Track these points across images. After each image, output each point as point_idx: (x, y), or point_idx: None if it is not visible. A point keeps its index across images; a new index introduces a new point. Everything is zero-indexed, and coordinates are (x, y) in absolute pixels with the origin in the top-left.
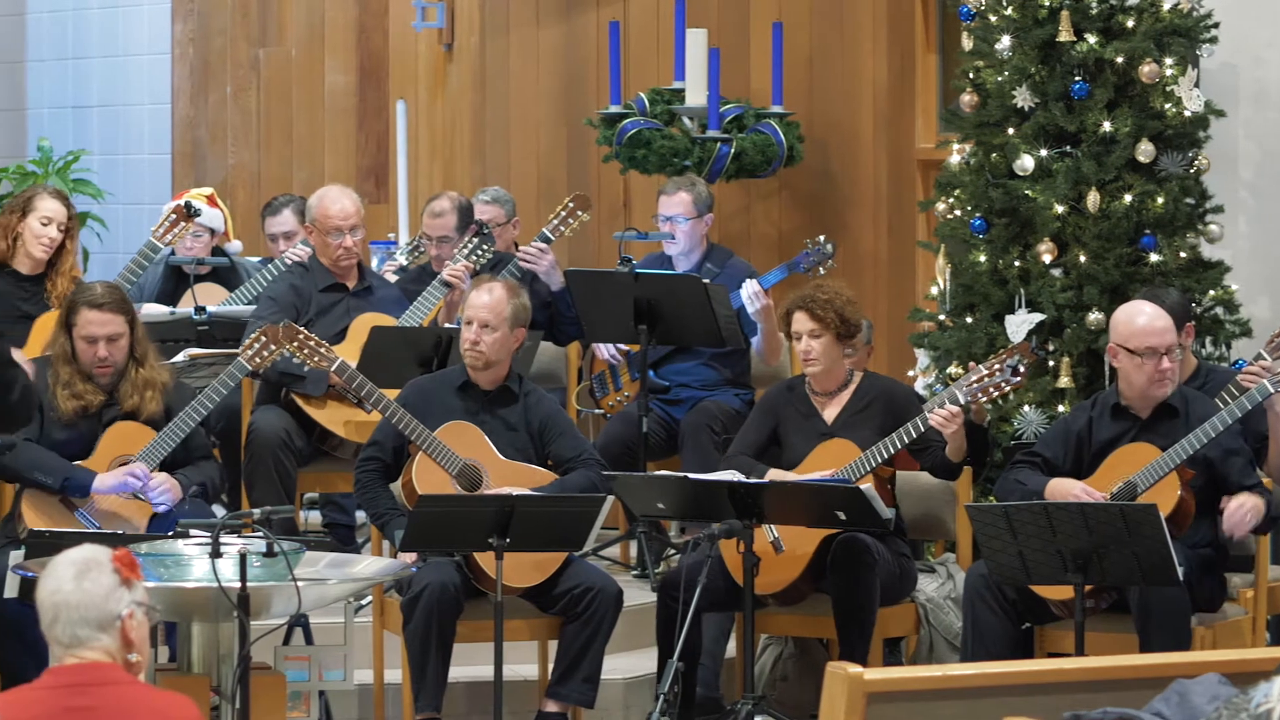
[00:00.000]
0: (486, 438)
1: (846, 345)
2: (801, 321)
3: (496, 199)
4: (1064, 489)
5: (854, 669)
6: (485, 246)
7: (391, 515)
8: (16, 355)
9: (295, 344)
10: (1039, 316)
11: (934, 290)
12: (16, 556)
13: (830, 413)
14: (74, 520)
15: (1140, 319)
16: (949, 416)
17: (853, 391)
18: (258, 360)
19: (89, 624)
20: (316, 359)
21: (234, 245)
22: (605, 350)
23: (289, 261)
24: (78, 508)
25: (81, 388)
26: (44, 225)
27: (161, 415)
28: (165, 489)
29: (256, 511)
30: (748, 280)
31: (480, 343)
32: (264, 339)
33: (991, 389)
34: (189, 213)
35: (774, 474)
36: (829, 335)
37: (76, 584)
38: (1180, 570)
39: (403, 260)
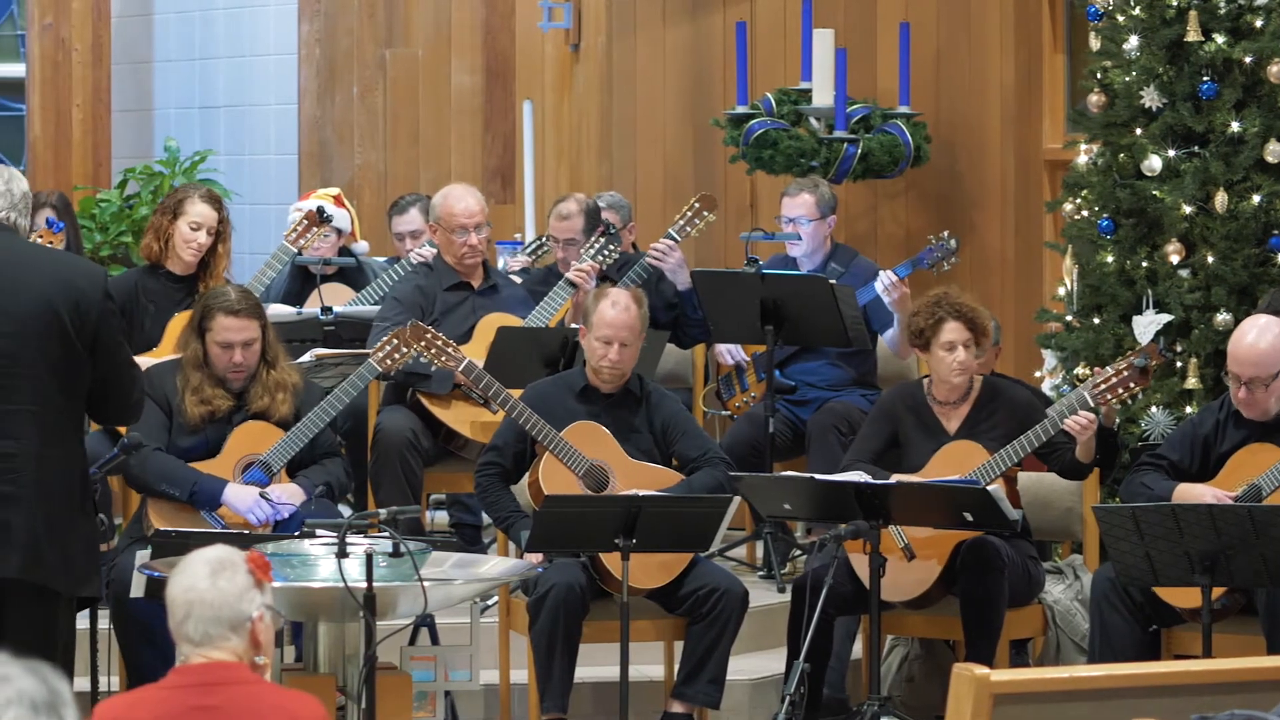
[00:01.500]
0: (613, 438)
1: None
2: (958, 331)
3: (613, 204)
4: (1193, 495)
5: (981, 670)
6: (612, 247)
7: (516, 517)
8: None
9: (423, 343)
10: (1166, 317)
11: (1061, 291)
12: (143, 556)
13: (953, 423)
14: (200, 519)
15: (1241, 341)
16: (1085, 424)
17: (974, 400)
18: (389, 363)
19: (221, 623)
20: (444, 359)
21: (360, 245)
22: (727, 355)
23: (414, 261)
24: (204, 508)
25: (210, 393)
26: (193, 230)
27: (291, 417)
28: (289, 505)
29: (383, 511)
30: (883, 271)
31: (621, 361)
32: (395, 342)
33: (1120, 389)
34: (321, 217)
35: (895, 478)
36: (975, 346)
37: (211, 582)
38: None
39: (526, 260)
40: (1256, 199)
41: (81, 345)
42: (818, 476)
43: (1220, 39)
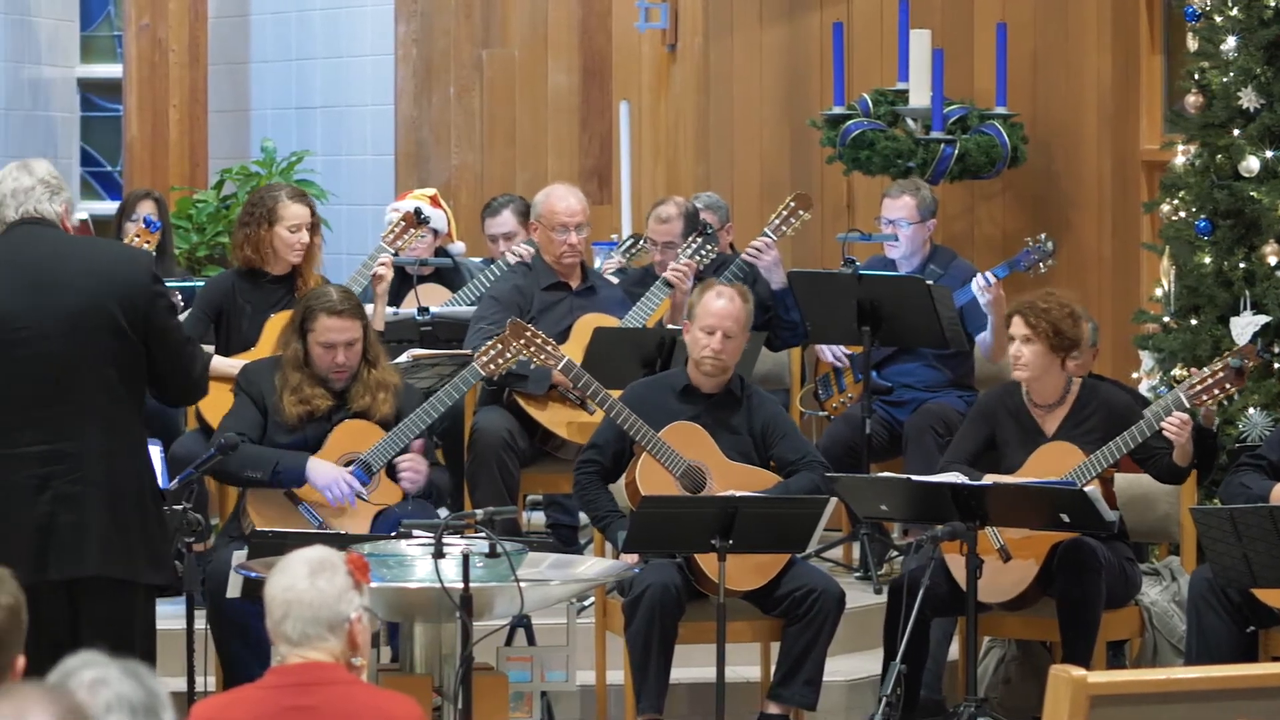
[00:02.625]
0: (711, 439)
1: (1062, 358)
2: (1017, 325)
3: (710, 205)
4: None
5: (1078, 672)
6: (709, 247)
7: (613, 517)
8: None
9: (522, 341)
10: (1264, 318)
11: (1158, 292)
12: (240, 556)
13: (1050, 425)
14: (299, 516)
15: None
16: (1181, 425)
17: (1072, 403)
18: (492, 367)
19: (320, 623)
20: (543, 357)
21: (457, 246)
22: (829, 352)
23: (512, 261)
24: (301, 501)
25: (310, 392)
26: (293, 232)
27: (392, 417)
28: (413, 471)
29: (479, 512)
30: (979, 274)
31: (723, 352)
32: (500, 346)
33: (1216, 390)
34: (418, 218)
35: (990, 477)
36: (1041, 344)
37: (311, 582)
38: None
39: (621, 260)
40: None
41: (135, 334)
42: (914, 478)
43: None
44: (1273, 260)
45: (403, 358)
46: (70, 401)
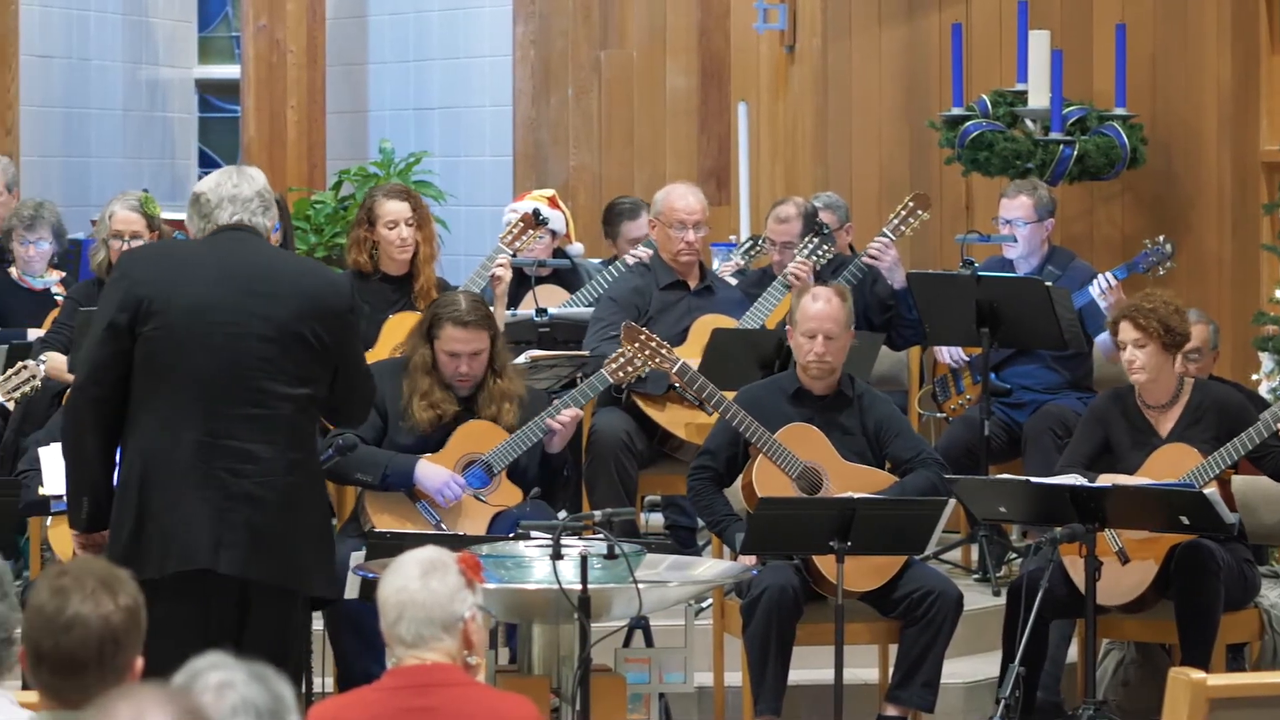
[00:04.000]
0: (827, 440)
1: (1174, 354)
2: (1126, 331)
3: (830, 205)
4: None
5: (1197, 675)
6: (826, 247)
7: (729, 520)
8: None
9: (636, 344)
10: None
11: (1278, 294)
12: (357, 557)
13: (1165, 426)
14: (417, 516)
15: None
16: None
17: (1185, 403)
18: (620, 375)
19: (434, 624)
20: (658, 360)
21: (575, 247)
22: (948, 353)
23: (631, 262)
24: (419, 500)
25: (439, 396)
26: (391, 229)
27: (517, 426)
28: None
29: (597, 514)
30: (1099, 276)
31: (827, 354)
32: (629, 354)
33: None
34: (537, 220)
35: (1106, 479)
36: (1154, 345)
37: (423, 583)
38: None
39: (740, 261)
40: None
41: (329, 353)
42: (1033, 479)
43: None
44: None
45: (521, 359)
46: (268, 405)
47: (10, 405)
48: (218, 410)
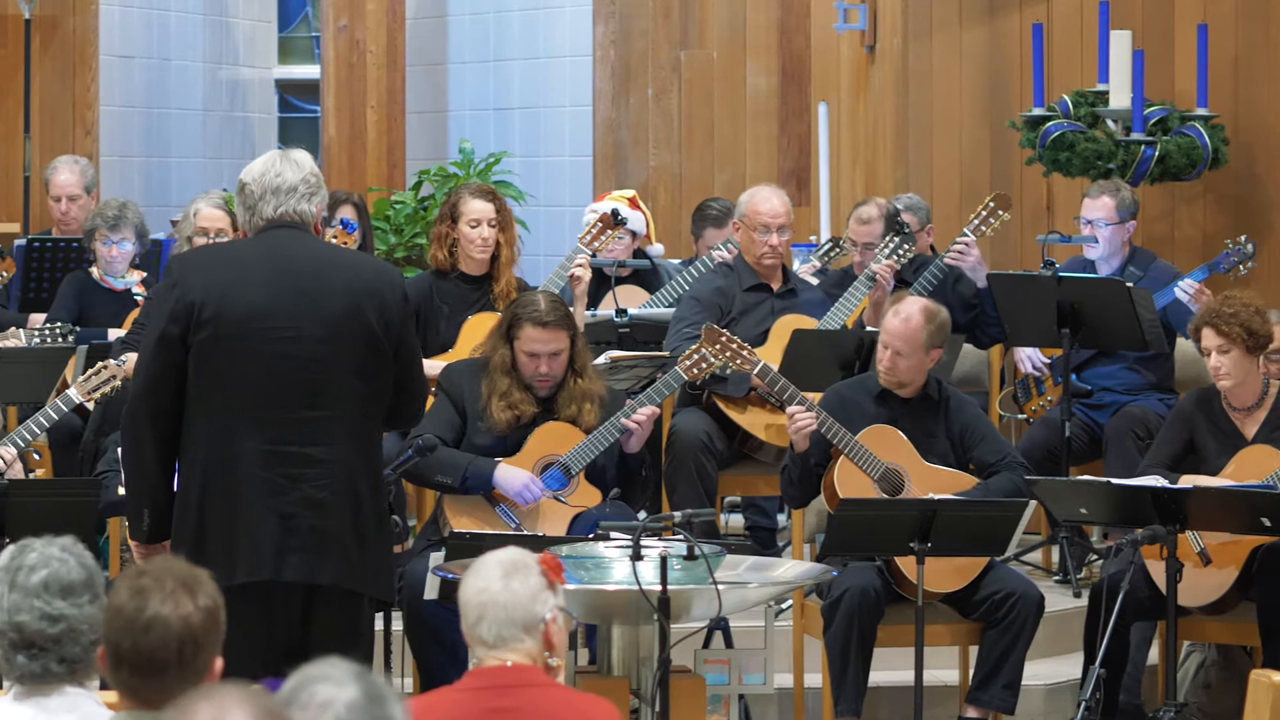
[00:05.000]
0: (909, 442)
1: (1258, 357)
2: (1209, 338)
3: (911, 206)
4: None
5: (1278, 677)
6: (906, 247)
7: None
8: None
9: (717, 346)
10: None
11: None
12: (437, 558)
13: (1250, 428)
14: (496, 518)
15: None
16: None
17: (1270, 406)
18: (695, 371)
19: (515, 625)
20: (739, 362)
21: (655, 248)
22: (1028, 361)
23: (714, 262)
24: (499, 503)
25: (518, 397)
26: (473, 228)
27: (598, 427)
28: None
29: (677, 514)
30: (1183, 280)
31: (895, 368)
32: (703, 351)
33: None
34: (616, 220)
35: (1188, 480)
36: (1237, 349)
37: (504, 584)
38: None
39: (819, 262)
40: None
41: (387, 350)
42: (1114, 481)
43: None
44: None
45: (600, 359)
46: (325, 408)
47: (90, 405)
48: (274, 416)
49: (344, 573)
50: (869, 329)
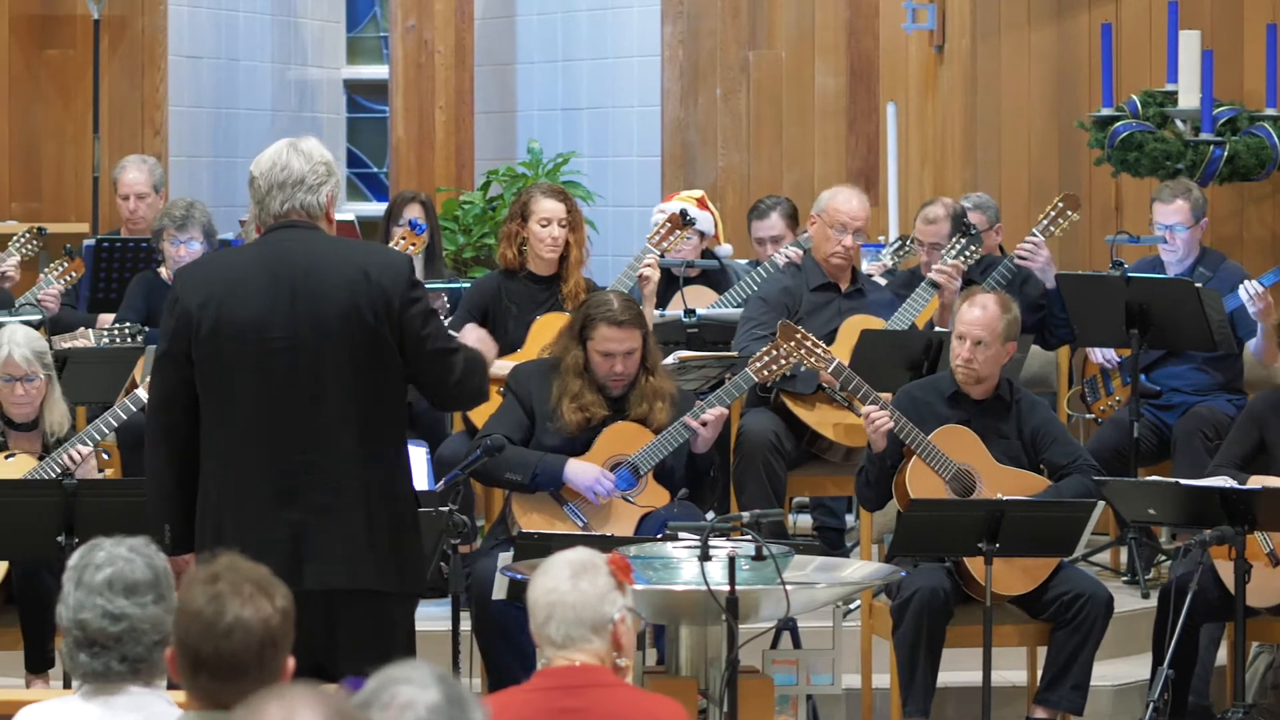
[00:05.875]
0: (981, 443)
1: None
2: None
3: (980, 205)
4: None
5: None
6: (973, 247)
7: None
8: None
9: (792, 343)
10: None
11: None
12: (505, 558)
13: None
14: (564, 518)
15: None
16: None
17: None
18: (766, 373)
19: (583, 625)
20: (813, 360)
21: (724, 248)
22: (1099, 354)
23: (781, 262)
24: (566, 502)
25: (589, 399)
26: (543, 227)
27: (668, 425)
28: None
29: (745, 515)
30: (1247, 281)
31: (974, 360)
32: (774, 353)
33: None
34: (684, 220)
35: (1256, 480)
36: None
37: (573, 584)
38: None
39: (888, 262)
40: None
41: (392, 340)
42: (1183, 481)
43: None
44: None
45: (669, 360)
46: (324, 410)
47: None
48: (277, 425)
49: (361, 574)
50: (938, 329)
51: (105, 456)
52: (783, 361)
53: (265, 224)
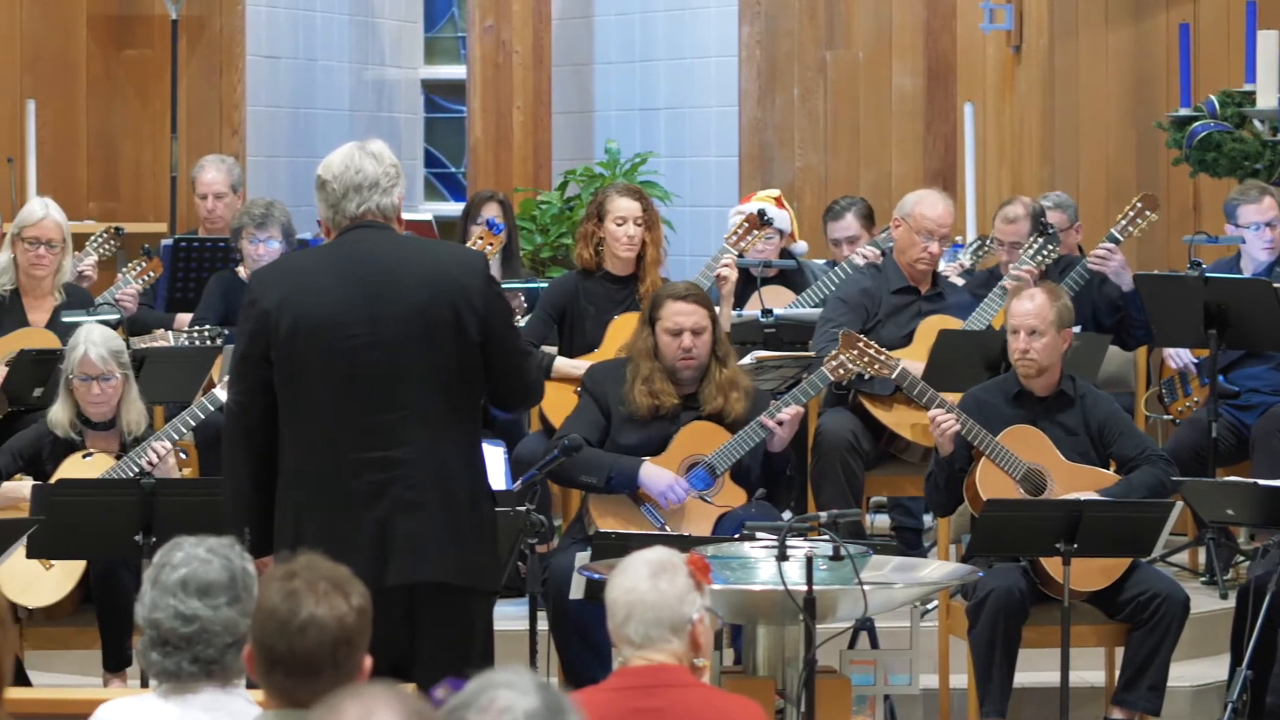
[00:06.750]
0: (1049, 441)
1: None
2: None
3: (1059, 204)
4: None
5: None
6: (1050, 247)
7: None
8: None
9: (855, 352)
10: None
11: None
12: (582, 558)
13: None
14: (641, 518)
15: None
16: None
17: None
18: (841, 372)
19: (662, 625)
20: (876, 367)
21: (800, 247)
22: (1178, 357)
23: (860, 263)
24: (643, 502)
25: (660, 386)
26: (619, 225)
27: (744, 418)
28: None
29: (823, 514)
30: None
31: (1030, 350)
32: (841, 357)
33: None
34: (762, 220)
35: None
36: None
37: (653, 584)
38: None
39: (966, 262)
40: None
41: (470, 337)
42: (1261, 482)
43: None
44: None
45: (747, 359)
46: (404, 408)
47: None
48: (356, 423)
49: (443, 569)
50: None
51: (183, 456)
52: (850, 365)
53: (339, 226)
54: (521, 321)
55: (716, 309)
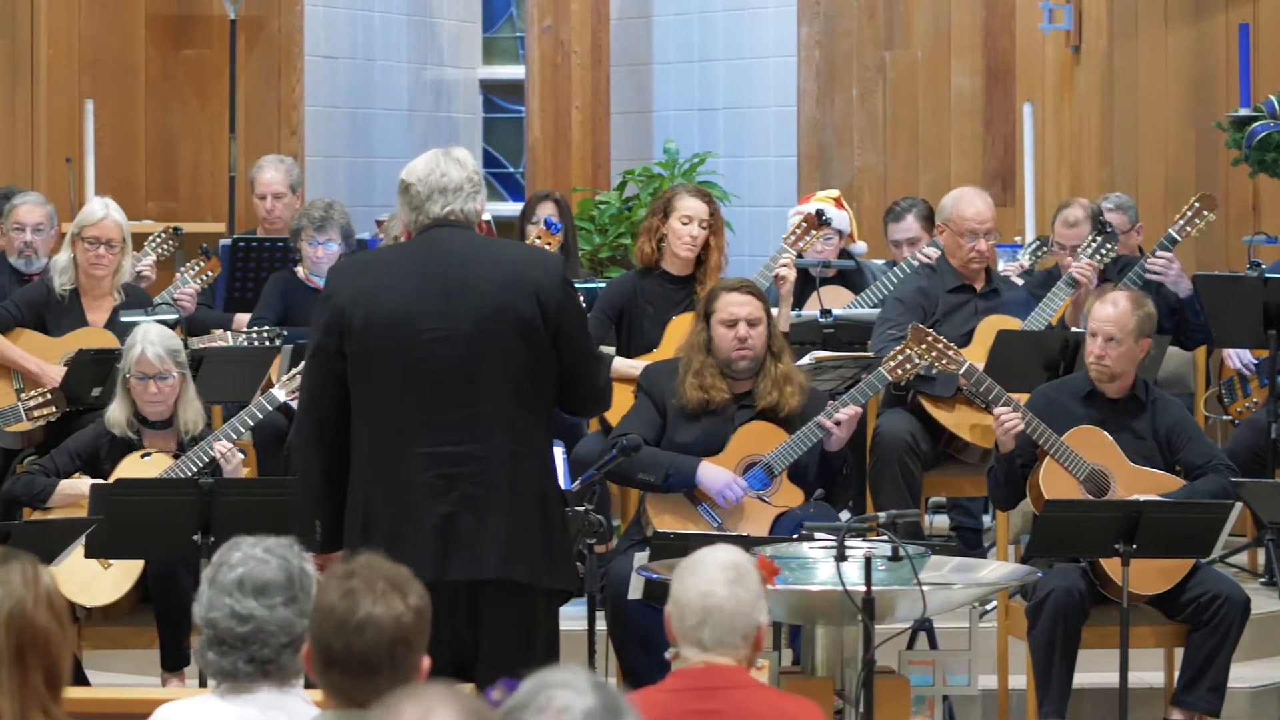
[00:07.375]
0: (1115, 443)
1: None
2: None
3: (1119, 205)
4: None
5: None
6: (1109, 246)
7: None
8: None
9: (923, 346)
10: None
11: None
12: (641, 558)
13: None
14: (699, 518)
15: None
16: None
17: None
18: (899, 373)
19: (736, 631)
20: (944, 362)
21: (859, 247)
22: (1237, 358)
23: (917, 263)
24: (701, 502)
25: (711, 380)
26: (684, 224)
27: (798, 414)
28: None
29: (882, 515)
30: None
31: (1106, 356)
32: (907, 352)
33: None
34: (820, 220)
35: None
36: None
37: (730, 590)
38: None
39: (1025, 262)
40: None
41: (545, 338)
42: None
43: None
44: None
45: (805, 360)
46: (477, 404)
47: (294, 405)
48: (428, 418)
49: (507, 566)
50: (1074, 330)
51: (242, 455)
52: (917, 360)
53: (421, 226)
54: None
55: (775, 309)
